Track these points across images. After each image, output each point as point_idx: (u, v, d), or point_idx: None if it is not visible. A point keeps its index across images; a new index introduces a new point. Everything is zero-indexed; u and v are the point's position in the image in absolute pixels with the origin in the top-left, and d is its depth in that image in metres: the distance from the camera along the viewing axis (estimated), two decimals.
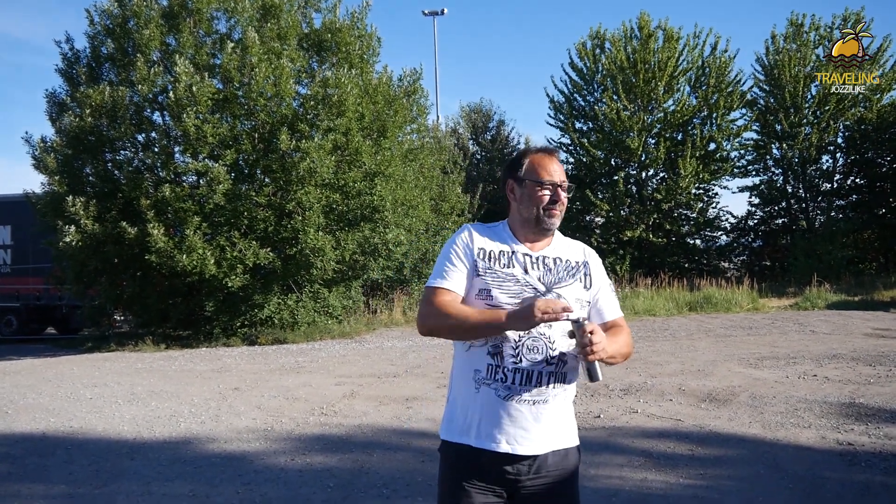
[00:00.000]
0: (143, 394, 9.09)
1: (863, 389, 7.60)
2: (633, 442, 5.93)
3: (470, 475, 2.20)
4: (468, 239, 2.31)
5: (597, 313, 2.35)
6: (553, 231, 2.34)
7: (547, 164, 2.33)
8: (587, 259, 2.37)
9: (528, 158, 2.36)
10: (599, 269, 2.39)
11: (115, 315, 18.24)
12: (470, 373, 2.23)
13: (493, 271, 2.25)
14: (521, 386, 2.16)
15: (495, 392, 2.18)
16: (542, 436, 2.19)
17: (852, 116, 25.19)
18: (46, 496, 5.10)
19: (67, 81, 16.09)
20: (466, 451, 2.20)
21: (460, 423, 2.25)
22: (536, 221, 2.30)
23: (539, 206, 2.29)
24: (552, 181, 2.30)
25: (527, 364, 2.16)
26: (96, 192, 15.26)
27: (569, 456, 2.27)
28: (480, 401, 2.20)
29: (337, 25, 15.84)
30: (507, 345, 2.17)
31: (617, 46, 25.45)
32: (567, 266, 2.31)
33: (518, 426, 2.17)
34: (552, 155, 2.38)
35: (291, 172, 14.30)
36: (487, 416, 2.19)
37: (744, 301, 18.75)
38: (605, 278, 2.39)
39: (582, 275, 2.32)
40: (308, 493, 4.94)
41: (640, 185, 26.52)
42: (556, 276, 2.27)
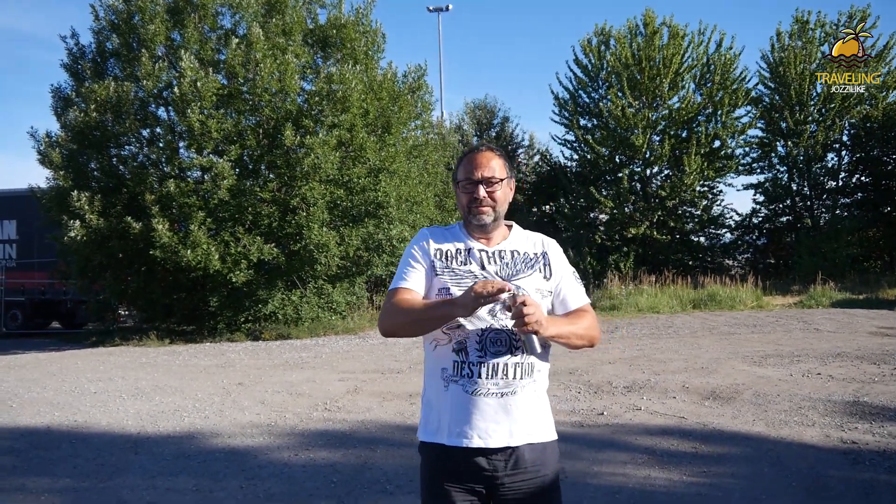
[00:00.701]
0: (148, 388, 9.11)
1: (867, 388, 7.59)
2: (636, 439, 5.93)
3: (448, 475, 2.21)
4: (425, 242, 2.34)
5: (560, 303, 2.33)
6: (491, 226, 2.31)
7: (469, 163, 2.32)
8: (546, 249, 2.36)
9: (461, 160, 2.38)
10: (560, 258, 2.37)
11: (120, 310, 18.31)
12: (438, 372, 2.25)
13: (451, 269, 2.27)
14: (487, 379, 2.17)
15: (462, 388, 2.19)
16: (514, 428, 2.18)
17: (858, 114, 25.11)
18: (51, 489, 5.12)
19: (73, 76, 16.13)
20: (441, 450, 2.21)
21: (434, 424, 2.26)
22: (468, 220, 2.32)
23: (465, 206, 2.31)
24: (469, 178, 2.29)
25: (491, 357, 2.17)
26: (101, 187, 15.31)
27: (547, 450, 2.25)
28: (450, 399, 2.21)
29: (342, 21, 15.84)
30: (471, 340, 2.18)
31: (622, 43, 25.38)
32: (525, 258, 2.30)
33: (488, 420, 2.17)
34: (479, 151, 2.35)
35: (296, 168, 14.31)
36: (457, 413, 2.19)
37: (748, 299, 18.72)
38: (568, 267, 2.37)
39: (541, 265, 2.31)
40: (311, 488, 4.95)
41: (644, 182, 26.47)
42: (514, 269, 2.27)
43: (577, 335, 2.24)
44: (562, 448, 5.67)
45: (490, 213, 2.29)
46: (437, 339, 2.25)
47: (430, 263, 2.30)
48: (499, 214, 2.32)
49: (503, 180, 2.32)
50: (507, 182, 2.34)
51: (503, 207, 2.33)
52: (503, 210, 2.34)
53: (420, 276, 2.28)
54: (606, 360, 10.13)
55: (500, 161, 2.33)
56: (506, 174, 2.33)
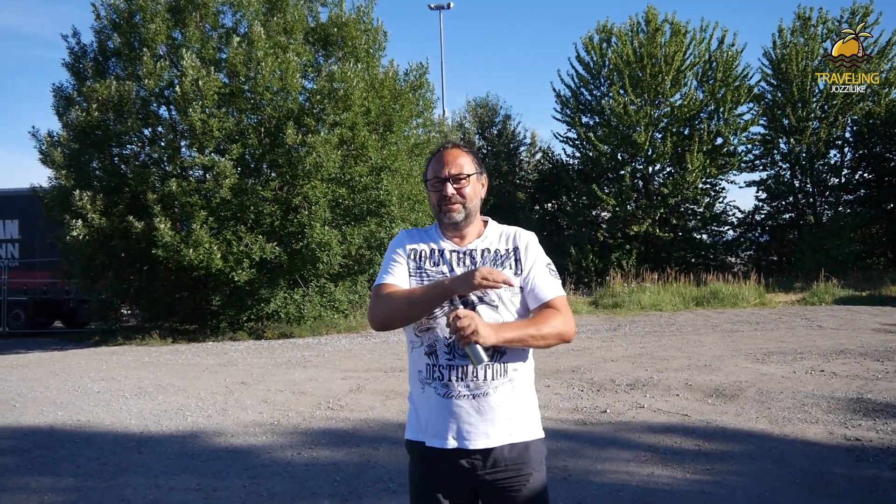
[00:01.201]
0: (150, 387, 9.12)
1: (870, 385, 7.57)
2: (639, 437, 5.92)
3: (432, 473, 2.25)
4: (401, 242, 2.38)
5: (532, 296, 2.27)
6: (463, 223, 2.31)
7: (437, 162, 2.33)
8: (517, 244, 2.32)
9: (429, 160, 2.38)
10: (533, 252, 2.32)
11: (122, 309, 18.33)
12: (416, 374, 2.29)
13: (424, 270, 2.30)
14: (457, 381, 2.18)
15: (435, 391, 2.21)
16: (490, 429, 2.17)
17: (860, 111, 25.08)
18: (54, 489, 5.12)
19: (74, 76, 16.13)
20: (424, 449, 2.25)
21: (416, 423, 2.30)
22: (439, 218, 2.33)
23: (435, 205, 2.32)
24: (437, 177, 2.30)
25: (460, 360, 2.17)
26: (103, 186, 15.31)
27: (529, 449, 2.23)
28: (426, 400, 2.25)
29: (343, 19, 15.83)
30: (440, 343, 2.20)
31: (623, 40, 25.35)
32: (496, 255, 2.29)
33: (462, 422, 2.17)
34: (445, 150, 2.35)
35: (297, 167, 14.31)
36: (434, 414, 2.22)
37: (751, 296, 18.70)
38: (542, 260, 2.33)
39: (512, 261, 2.29)
40: (315, 486, 4.95)
41: (646, 179, 26.45)
42: None
43: (534, 336, 2.16)
44: (565, 446, 5.68)
45: (460, 210, 2.29)
46: (412, 341, 2.29)
47: (406, 262, 2.32)
48: (470, 211, 2.31)
49: (471, 176, 2.31)
50: (476, 178, 2.33)
51: (474, 203, 2.32)
52: (475, 206, 2.33)
53: (404, 271, 2.30)
54: (609, 357, 10.12)
55: (467, 157, 2.33)
56: (474, 170, 2.33)
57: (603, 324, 15.17)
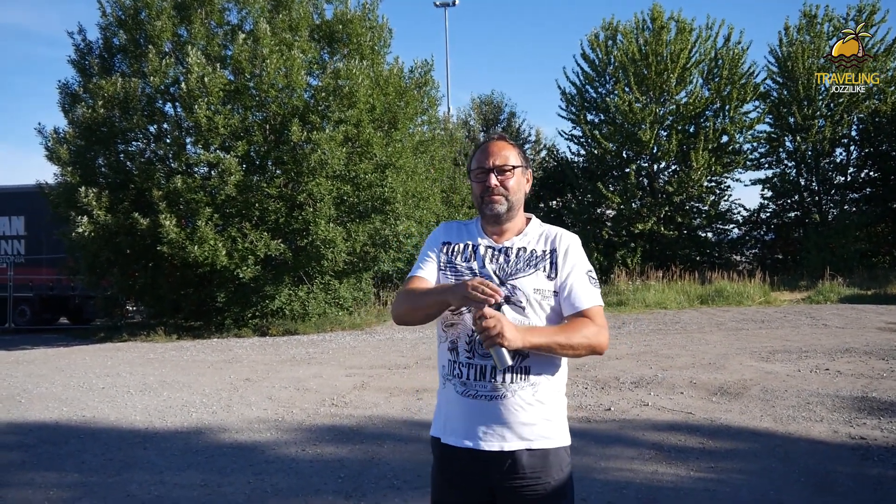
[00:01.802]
0: (155, 384, 9.14)
1: (875, 383, 7.56)
2: (643, 435, 5.92)
3: (448, 470, 2.21)
4: (438, 235, 2.37)
5: (567, 303, 2.19)
6: (505, 216, 2.26)
7: (482, 152, 2.28)
8: (556, 247, 2.25)
9: (474, 152, 2.34)
10: (573, 257, 2.25)
11: (128, 305, 18.38)
12: (440, 368, 2.27)
13: (453, 265, 2.27)
14: (476, 381, 2.13)
15: (454, 388, 2.18)
16: (506, 433, 2.11)
17: (866, 109, 24.98)
18: (59, 484, 5.14)
19: (80, 73, 16.15)
20: (441, 446, 2.21)
21: (438, 419, 2.27)
22: (481, 210, 2.29)
23: (478, 196, 2.28)
24: (482, 167, 2.25)
25: (479, 359, 2.12)
26: (109, 183, 15.35)
27: (549, 457, 2.15)
28: (446, 396, 2.22)
29: (348, 16, 15.83)
30: (462, 340, 2.16)
31: (629, 38, 25.30)
32: (531, 256, 2.22)
33: (476, 422, 2.13)
34: (491, 141, 2.31)
35: (302, 164, 14.32)
36: (452, 411, 2.19)
37: (756, 294, 18.65)
38: (582, 266, 2.25)
39: (547, 263, 2.22)
40: (319, 483, 4.96)
41: (651, 177, 26.41)
42: (515, 268, 2.20)
43: (562, 345, 2.09)
44: None
45: (503, 203, 2.23)
46: (439, 336, 2.26)
47: (438, 258, 2.31)
48: (512, 204, 2.25)
49: (516, 168, 2.26)
50: (521, 171, 2.28)
51: (517, 197, 2.26)
52: (518, 200, 2.27)
53: (434, 266, 2.30)
54: (613, 355, 10.12)
55: (513, 150, 2.28)
56: (519, 163, 2.28)
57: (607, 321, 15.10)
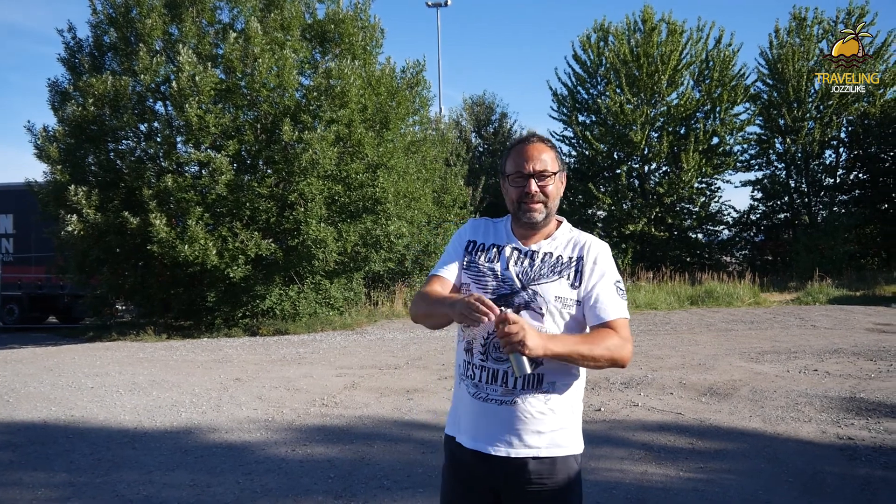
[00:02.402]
0: (145, 383, 9.10)
1: (863, 384, 7.60)
2: (633, 435, 5.94)
3: (456, 468, 2.21)
4: (464, 232, 2.34)
5: (592, 313, 2.11)
6: (540, 224, 2.20)
7: (519, 155, 2.19)
8: (584, 254, 2.18)
9: (509, 152, 2.26)
10: (602, 267, 2.17)
11: (117, 305, 18.26)
12: (456, 367, 2.26)
13: (476, 265, 2.22)
14: (487, 384, 2.10)
15: (466, 388, 2.16)
16: (513, 439, 2.08)
17: (856, 111, 25.16)
18: (48, 484, 5.11)
19: (70, 70, 16.06)
20: (453, 444, 2.22)
21: (452, 417, 2.28)
22: (516, 216, 2.22)
23: (514, 201, 2.20)
24: (520, 172, 2.16)
25: (493, 362, 2.09)
26: (98, 181, 15.26)
27: (557, 465, 2.10)
28: (460, 396, 2.22)
29: (340, 16, 15.80)
30: (477, 341, 2.13)
31: (620, 39, 25.39)
32: (557, 262, 2.16)
33: (486, 425, 2.11)
34: (529, 143, 2.21)
35: (294, 163, 14.27)
36: (464, 412, 2.18)
37: (745, 295, 18.74)
38: (611, 276, 2.17)
39: (572, 271, 2.15)
40: (309, 483, 4.95)
41: (642, 178, 26.51)
42: (538, 273, 2.14)
43: (584, 355, 2.01)
44: None
45: (542, 210, 2.17)
46: (458, 334, 2.24)
47: (462, 255, 2.28)
48: (550, 210, 2.19)
49: (556, 174, 2.19)
50: (559, 176, 2.22)
51: (555, 203, 2.21)
52: (555, 206, 2.22)
53: (456, 266, 2.27)
54: None
55: (551, 153, 2.20)
56: (558, 167, 2.20)
57: None
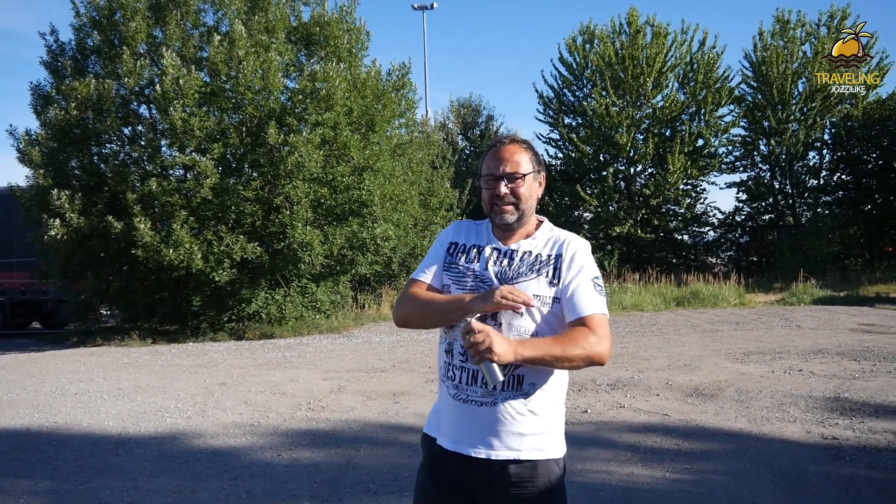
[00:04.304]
0: (129, 389, 9.03)
1: (848, 384, 7.66)
2: (619, 436, 5.95)
3: (432, 468, 2.21)
4: (446, 234, 2.33)
5: (569, 307, 2.09)
6: (514, 224, 2.19)
7: (493, 157, 2.21)
8: (563, 252, 2.17)
9: (485, 154, 2.27)
10: (579, 263, 2.15)
11: (101, 310, 18.10)
12: (439, 369, 2.26)
13: (456, 266, 2.22)
14: (467, 385, 2.09)
15: (447, 390, 2.16)
16: (493, 440, 2.06)
17: (839, 113, 25.37)
18: (30, 492, 5.05)
19: (52, 74, 15.92)
20: (433, 444, 2.21)
21: (433, 417, 2.28)
22: (490, 217, 2.24)
23: (486, 203, 2.21)
24: (492, 174, 2.18)
25: (472, 364, 2.06)
26: (82, 185, 15.13)
27: (538, 469, 2.08)
28: (441, 397, 2.22)
29: (325, 19, 15.76)
30: (457, 343, 2.11)
31: (606, 42, 25.49)
32: (535, 260, 2.16)
33: (466, 426, 2.09)
34: (503, 145, 2.22)
35: (279, 166, 14.22)
36: (445, 413, 2.18)
37: (730, 296, 18.85)
38: (589, 272, 2.15)
39: (550, 269, 2.14)
40: (294, 488, 4.92)
41: (628, 180, 26.62)
42: (517, 272, 2.14)
43: (558, 357, 1.98)
44: None
45: (513, 212, 2.17)
46: (440, 336, 2.25)
47: (443, 257, 2.28)
48: (523, 212, 2.19)
49: (528, 175, 2.19)
50: (532, 177, 2.21)
51: (529, 204, 2.20)
52: (530, 207, 2.21)
53: (437, 270, 2.26)
54: None
55: (525, 154, 2.20)
56: (532, 168, 2.21)
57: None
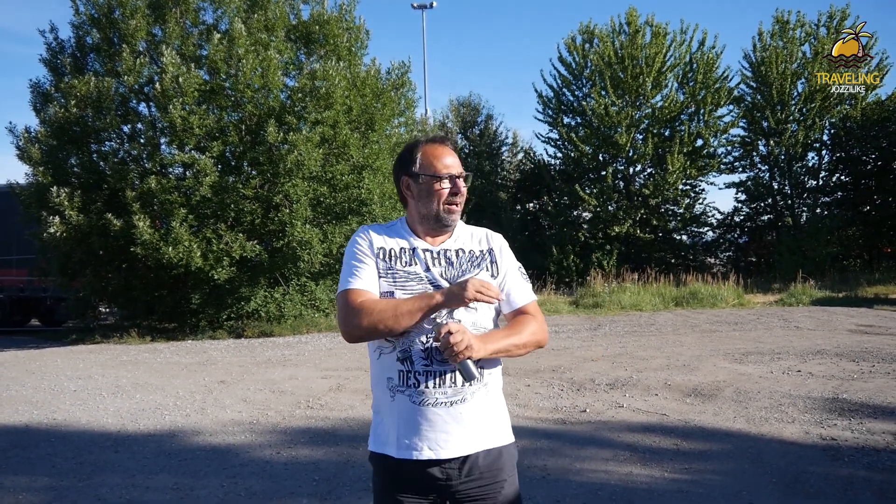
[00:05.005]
0: (128, 386, 9.03)
1: (846, 385, 7.66)
2: (618, 436, 5.95)
3: (399, 486, 2.10)
4: (367, 238, 2.21)
5: (507, 300, 2.21)
6: (454, 225, 2.23)
7: (442, 156, 2.19)
8: (491, 246, 2.25)
9: (421, 151, 2.22)
10: (506, 253, 2.26)
11: (100, 307, 18.12)
12: (384, 381, 2.12)
13: (395, 271, 2.15)
14: (434, 388, 2.05)
15: (409, 398, 2.06)
16: (466, 436, 2.08)
17: (838, 114, 25.37)
18: (30, 488, 5.06)
19: (52, 72, 15.93)
20: (391, 462, 2.10)
21: (383, 435, 2.14)
22: (437, 218, 2.19)
23: (439, 202, 2.17)
24: (450, 174, 2.18)
25: (437, 366, 2.05)
26: (81, 183, 15.14)
27: (503, 455, 2.15)
28: (397, 409, 2.08)
29: (325, 17, 15.78)
30: (416, 348, 2.06)
31: (605, 42, 25.48)
32: (471, 257, 2.20)
33: (438, 430, 2.05)
34: (445, 145, 2.24)
35: (279, 165, 14.23)
36: (405, 424, 2.07)
37: (729, 297, 18.84)
38: (514, 263, 2.27)
39: (488, 263, 2.21)
40: (293, 486, 4.92)
41: (627, 180, 26.61)
42: (460, 270, 2.16)
43: (517, 346, 2.12)
44: (544, 445, 5.69)
45: (459, 213, 2.22)
46: (381, 346, 2.12)
47: (376, 263, 2.17)
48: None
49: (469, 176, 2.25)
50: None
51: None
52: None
53: (373, 275, 2.14)
54: (589, 357, 10.17)
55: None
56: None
57: (583, 324, 15.22)
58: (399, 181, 2.26)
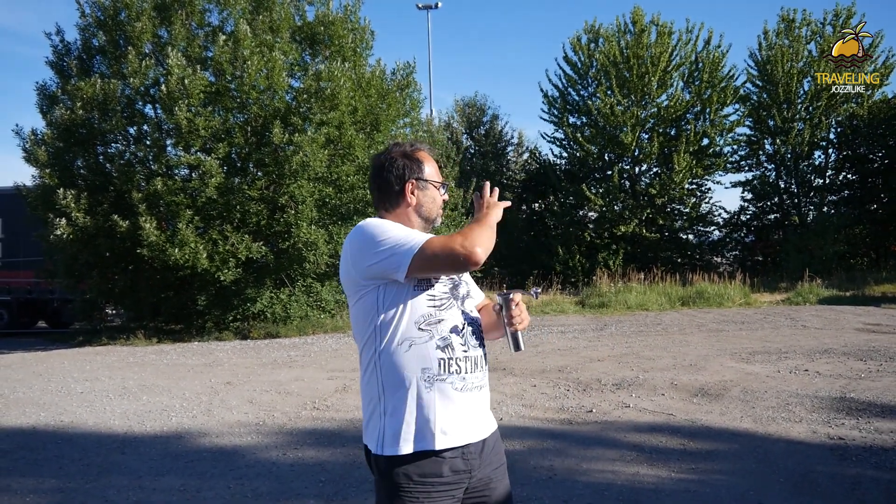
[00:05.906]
0: (135, 388, 9.06)
1: (854, 384, 7.63)
2: (625, 436, 5.94)
3: (435, 484, 2.03)
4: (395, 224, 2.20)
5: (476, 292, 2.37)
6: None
7: (436, 165, 2.36)
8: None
9: (425, 159, 2.32)
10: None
11: (107, 309, 18.19)
12: (416, 373, 2.05)
13: None
14: (470, 373, 2.12)
15: (452, 386, 2.06)
16: (486, 419, 2.20)
17: (844, 112, 25.27)
18: (37, 490, 5.07)
19: (58, 74, 15.99)
20: (430, 457, 2.03)
21: (416, 431, 2.03)
22: (433, 222, 2.34)
23: (438, 206, 2.33)
24: (442, 183, 2.35)
25: (472, 350, 2.14)
26: (87, 185, 15.20)
27: (499, 437, 2.27)
28: (440, 399, 2.05)
29: (330, 18, 15.79)
30: (455, 335, 2.10)
31: (610, 41, 25.44)
32: None
33: (472, 415, 2.11)
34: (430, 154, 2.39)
35: (284, 166, 14.25)
36: (444, 412, 2.04)
37: (736, 296, 18.79)
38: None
39: None
40: (300, 487, 4.92)
41: (633, 180, 26.56)
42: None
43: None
44: (550, 445, 5.68)
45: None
46: (411, 338, 2.06)
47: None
48: None
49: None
50: None
51: None
52: None
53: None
54: (595, 357, 10.15)
55: None
56: None
57: (589, 323, 15.20)
58: (403, 184, 2.26)
